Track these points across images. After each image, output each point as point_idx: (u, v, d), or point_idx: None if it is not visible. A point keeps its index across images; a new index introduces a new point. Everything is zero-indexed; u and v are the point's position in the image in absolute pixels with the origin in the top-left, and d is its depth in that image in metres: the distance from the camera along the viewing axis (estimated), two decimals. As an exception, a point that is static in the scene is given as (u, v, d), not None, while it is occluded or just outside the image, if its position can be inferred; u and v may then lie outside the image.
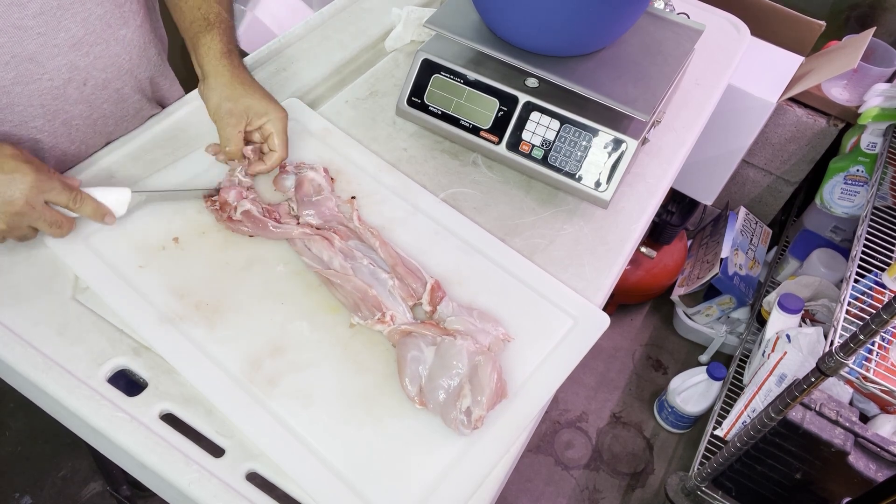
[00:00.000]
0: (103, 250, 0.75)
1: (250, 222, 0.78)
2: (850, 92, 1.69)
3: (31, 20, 0.73)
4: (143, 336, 0.69)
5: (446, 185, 0.91)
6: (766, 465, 1.37)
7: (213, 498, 0.60)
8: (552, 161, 0.87)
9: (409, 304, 0.74)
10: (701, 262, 1.89)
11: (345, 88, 1.02)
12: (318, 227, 0.79)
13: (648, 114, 0.81)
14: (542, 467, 1.66)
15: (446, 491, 0.63)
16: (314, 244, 0.77)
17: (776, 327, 1.52)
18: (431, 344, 0.69)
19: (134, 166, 0.85)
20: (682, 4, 1.24)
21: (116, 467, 0.88)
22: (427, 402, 0.67)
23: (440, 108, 0.91)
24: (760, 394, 1.48)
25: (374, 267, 0.76)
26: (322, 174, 0.84)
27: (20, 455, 1.54)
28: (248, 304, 0.73)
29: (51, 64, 0.77)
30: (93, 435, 0.65)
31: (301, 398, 0.67)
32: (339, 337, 0.72)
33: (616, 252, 0.87)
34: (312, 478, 0.62)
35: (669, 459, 1.72)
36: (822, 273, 1.70)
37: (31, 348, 0.66)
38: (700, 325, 1.91)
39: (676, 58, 0.91)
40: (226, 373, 0.67)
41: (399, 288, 0.75)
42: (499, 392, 0.67)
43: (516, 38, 0.87)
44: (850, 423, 1.26)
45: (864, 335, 1.06)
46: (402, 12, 1.10)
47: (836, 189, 1.62)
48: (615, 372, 1.87)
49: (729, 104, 1.40)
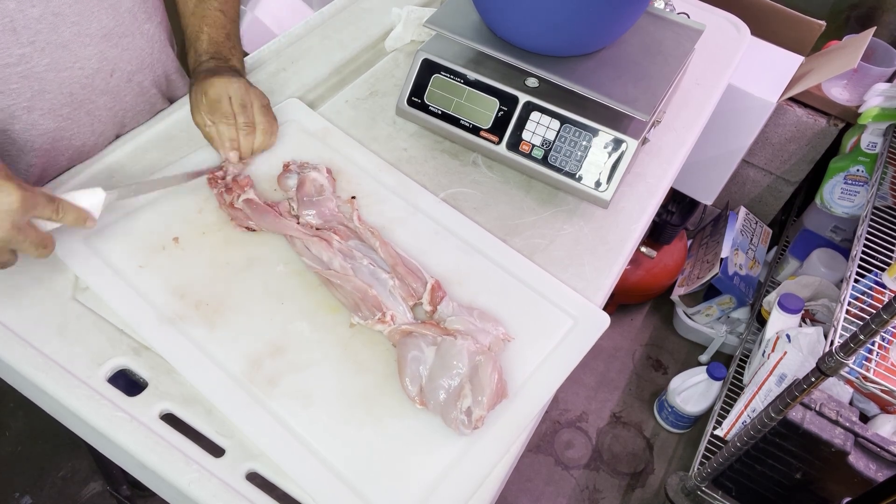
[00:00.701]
0: (103, 250, 0.75)
1: (252, 210, 0.78)
2: (851, 92, 1.69)
3: (67, 8, 0.75)
4: (143, 336, 0.69)
5: (446, 184, 0.91)
6: (766, 465, 1.37)
7: (213, 498, 0.60)
8: (552, 161, 0.87)
9: (410, 303, 0.74)
10: (701, 261, 1.89)
11: (345, 88, 1.02)
12: (317, 228, 0.79)
13: (648, 114, 0.81)
14: (542, 467, 1.66)
15: (446, 491, 0.63)
16: (314, 245, 0.77)
17: (776, 327, 1.52)
18: (432, 344, 0.69)
19: (133, 166, 0.85)
20: (682, 4, 1.24)
21: (116, 467, 0.88)
22: (427, 401, 0.67)
23: (440, 108, 0.91)
24: (760, 394, 1.48)
25: (374, 267, 0.76)
26: (325, 175, 0.84)
27: (20, 455, 1.54)
28: (249, 304, 0.73)
29: (83, 53, 0.79)
30: (93, 435, 0.65)
31: (301, 398, 0.67)
32: (339, 337, 0.72)
33: (616, 252, 0.87)
34: (312, 478, 0.62)
35: (669, 459, 1.72)
36: (822, 273, 1.70)
37: (31, 348, 0.66)
38: (700, 325, 1.91)
39: (676, 58, 0.91)
40: (226, 373, 0.67)
41: (399, 288, 0.75)
42: (499, 392, 0.67)
43: (516, 38, 0.87)
44: (850, 423, 1.26)
45: (864, 335, 1.06)
46: (402, 12, 1.10)
47: (836, 189, 1.62)
48: (615, 372, 1.87)
49: (729, 104, 1.40)
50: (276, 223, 0.78)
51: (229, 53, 0.89)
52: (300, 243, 0.77)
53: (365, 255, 0.77)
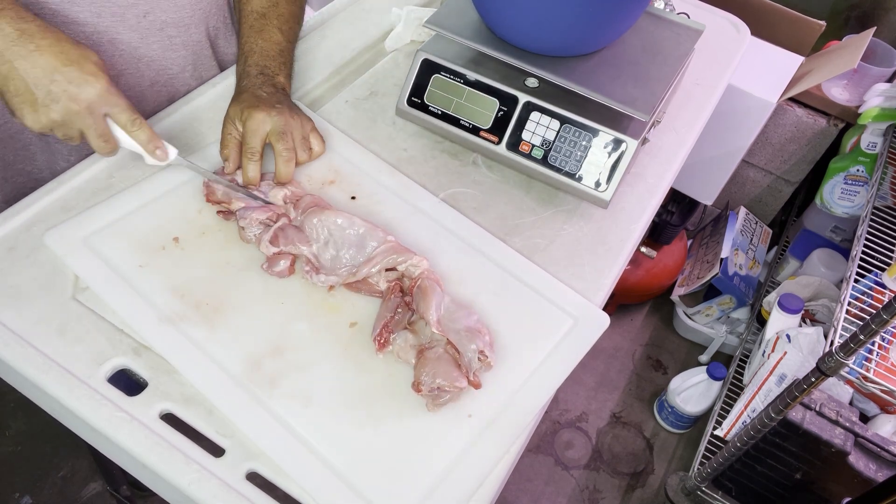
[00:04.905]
0: (103, 250, 0.75)
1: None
2: (851, 92, 1.69)
3: None
4: (142, 336, 0.69)
5: (446, 185, 0.91)
6: (766, 465, 1.37)
7: (213, 498, 0.60)
8: (552, 161, 0.87)
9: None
10: (701, 262, 1.89)
11: (345, 88, 1.02)
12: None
13: (648, 114, 0.81)
14: (542, 467, 1.66)
15: (446, 491, 0.63)
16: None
17: (776, 327, 1.53)
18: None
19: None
20: (682, 4, 1.24)
21: (116, 467, 0.88)
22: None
23: (440, 108, 0.91)
24: (760, 394, 1.48)
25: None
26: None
27: (20, 455, 1.54)
28: (249, 304, 0.73)
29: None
30: (93, 435, 0.65)
31: (301, 398, 0.67)
32: (339, 337, 0.72)
33: (616, 252, 0.87)
34: (312, 478, 0.62)
35: (669, 459, 1.72)
36: (822, 273, 1.70)
37: (31, 348, 0.66)
38: (700, 325, 1.91)
39: (676, 58, 0.91)
40: (226, 373, 0.67)
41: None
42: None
43: (516, 38, 0.87)
44: (850, 423, 1.26)
45: (864, 335, 1.06)
46: (402, 12, 1.10)
47: (836, 189, 1.62)
48: (615, 372, 1.87)
49: (729, 104, 1.40)
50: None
51: (278, 69, 0.88)
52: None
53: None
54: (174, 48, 0.91)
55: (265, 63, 0.88)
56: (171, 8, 0.87)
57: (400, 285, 0.74)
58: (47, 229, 0.75)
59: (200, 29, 0.93)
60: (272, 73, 0.87)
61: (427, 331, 0.71)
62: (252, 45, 0.89)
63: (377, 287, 0.75)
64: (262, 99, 0.83)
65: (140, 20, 0.85)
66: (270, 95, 0.84)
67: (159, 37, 0.88)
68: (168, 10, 0.87)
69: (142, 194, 0.80)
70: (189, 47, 0.93)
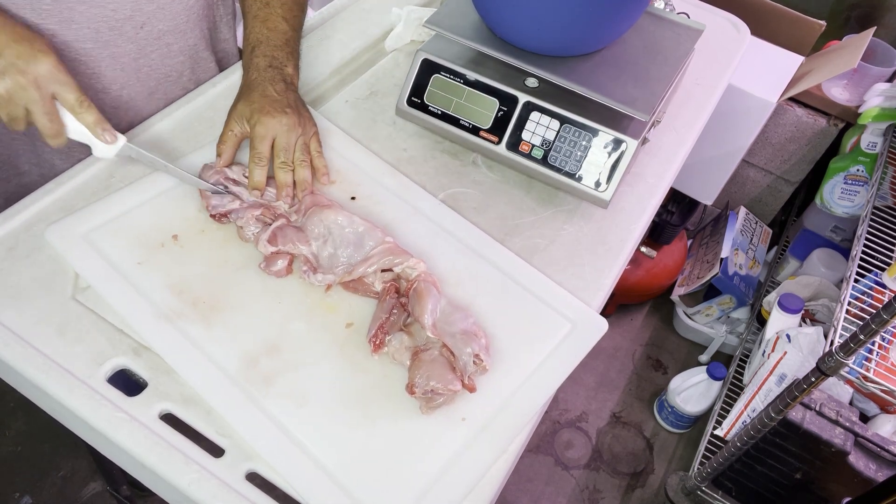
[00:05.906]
0: (103, 246, 0.75)
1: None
2: (851, 92, 1.69)
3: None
4: (139, 333, 0.69)
5: (446, 185, 0.91)
6: (766, 464, 1.37)
7: (213, 498, 0.60)
8: (552, 161, 0.87)
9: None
10: (701, 261, 1.89)
11: (345, 88, 1.02)
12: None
13: (648, 114, 0.81)
14: (542, 467, 1.66)
15: (439, 493, 0.62)
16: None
17: (776, 327, 1.53)
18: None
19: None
20: (682, 4, 1.24)
21: (116, 467, 0.88)
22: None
23: (440, 108, 0.91)
24: (760, 394, 1.48)
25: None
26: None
27: (20, 455, 1.54)
28: (246, 303, 0.73)
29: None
30: (92, 435, 0.65)
31: (296, 398, 0.67)
32: (335, 337, 0.72)
33: (616, 252, 0.87)
34: (304, 478, 0.62)
35: (669, 459, 1.72)
36: (822, 273, 1.70)
37: (31, 348, 0.66)
38: (700, 324, 1.91)
39: (676, 58, 0.91)
40: (222, 371, 0.67)
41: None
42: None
43: (516, 38, 0.87)
44: (850, 422, 1.26)
45: (864, 335, 1.06)
46: (402, 12, 1.10)
47: (836, 189, 1.62)
48: (615, 372, 1.87)
49: (729, 104, 1.40)
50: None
51: (286, 59, 0.88)
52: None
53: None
54: (172, 55, 0.91)
55: (273, 54, 0.87)
56: (167, 17, 0.87)
57: (396, 287, 0.74)
58: (47, 227, 0.76)
59: (196, 32, 0.93)
60: (280, 63, 0.87)
61: (423, 333, 0.71)
62: (258, 34, 0.88)
63: (373, 288, 0.75)
64: (273, 101, 0.82)
65: (138, 31, 0.85)
66: (281, 95, 0.83)
67: (157, 45, 0.88)
68: (164, 18, 0.87)
69: (142, 192, 0.80)
70: (186, 52, 0.93)
